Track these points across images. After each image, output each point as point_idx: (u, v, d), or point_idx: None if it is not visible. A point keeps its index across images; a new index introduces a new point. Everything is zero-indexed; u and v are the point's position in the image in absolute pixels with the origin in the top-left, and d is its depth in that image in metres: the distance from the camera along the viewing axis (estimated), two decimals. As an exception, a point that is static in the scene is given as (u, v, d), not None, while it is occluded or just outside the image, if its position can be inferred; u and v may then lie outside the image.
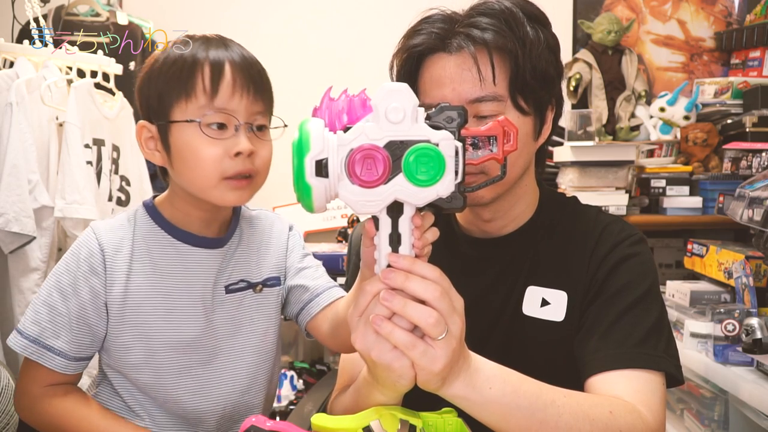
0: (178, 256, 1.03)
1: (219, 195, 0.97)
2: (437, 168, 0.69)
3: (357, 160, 0.68)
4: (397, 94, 0.69)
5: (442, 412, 0.88)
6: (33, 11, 2.07)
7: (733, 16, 2.63)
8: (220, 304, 1.04)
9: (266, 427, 0.82)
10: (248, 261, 1.08)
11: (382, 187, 0.69)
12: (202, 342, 1.03)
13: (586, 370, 0.95)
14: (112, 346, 1.01)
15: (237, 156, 0.95)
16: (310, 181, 0.69)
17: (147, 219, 1.03)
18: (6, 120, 1.77)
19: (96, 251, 1.00)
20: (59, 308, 0.99)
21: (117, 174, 2.09)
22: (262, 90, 0.99)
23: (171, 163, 0.99)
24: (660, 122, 2.38)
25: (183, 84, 0.94)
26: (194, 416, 1.03)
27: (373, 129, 0.69)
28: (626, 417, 0.86)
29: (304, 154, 0.69)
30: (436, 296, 0.71)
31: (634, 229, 1.06)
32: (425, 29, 1.00)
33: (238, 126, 0.95)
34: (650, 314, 0.98)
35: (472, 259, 1.08)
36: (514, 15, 0.97)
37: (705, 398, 1.64)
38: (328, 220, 2.64)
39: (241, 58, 0.97)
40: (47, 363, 0.99)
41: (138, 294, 1.00)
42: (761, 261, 1.58)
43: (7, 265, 1.82)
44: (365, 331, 0.74)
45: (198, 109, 0.94)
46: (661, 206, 2.24)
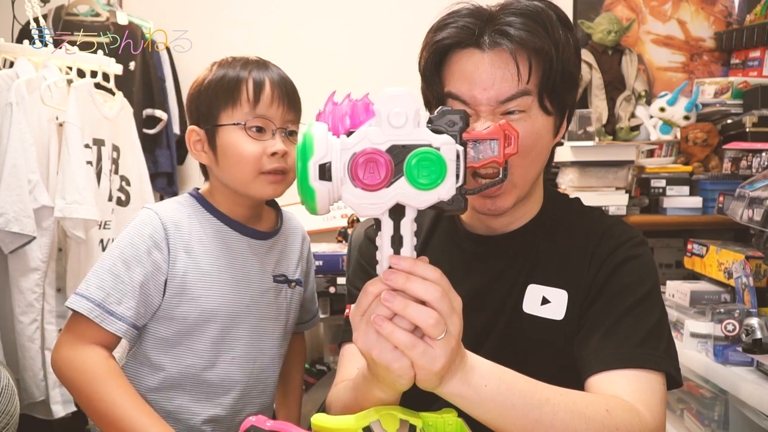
0: (229, 241, 1.17)
1: (258, 188, 1.13)
2: (438, 172, 0.70)
3: (360, 163, 0.69)
4: (400, 98, 0.70)
5: (442, 412, 0.88)
6: (33, 11, 2.06)
7: (733, 16, 2.63)
8: (267, 291, 1.20)
9: (266, 427, 0.83)
10: (288, 258, 1.25)
11: (384, 191, 0.70)
12: (247, 320, 1.17)
13: (586, 369, 0.95)
14: (168, 316, 1.12)
15: (273, 155, 1.12)
16: (314, 184, 0.70)
17: (198, 206, 1.18)
18: (6, 120, 1.77)
19: (159, 228, 1.12)
20: (123, 277, 1.09)
21: (117, 174, 2.09)
22: (294, 102, 1.17)
23: (216, 161, 1.15)
24: (660, 122, 2.38)
25: (230, 94, 1.13)
26: (224, 385, 1.15)
27: (376, 133, 0.70)
28: (623, 416, 0.86)
29: (308, 157, 0.70)
30: (436, 297, 0.72)
31: (636, 231, 1.07)
32: (454, 22, 0.99)
33: (274, 131, 1.13)
34: (651, 315, 0.99)
35: (474, 255, 1.08)
36: (549, 17, 0.97)
37: (705, 398, 1.64)
38: (328, 220, 2.64)
39: (278, 76, 1.16)
40: (109, 326, 1.07)
41: (197, 270, 1.13)
42: (761, 261, 1.58)
43: (7, 265, 1.82)
44: (366, 330, 0.74)
45: (243, 115, 1.12)
46: (661, 206, 2.24)
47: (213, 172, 1.18)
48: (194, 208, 1.17)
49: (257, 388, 1.20)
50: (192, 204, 1.18)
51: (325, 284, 2.20)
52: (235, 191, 1.16)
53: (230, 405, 1.16)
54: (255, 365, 1.18)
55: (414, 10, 2.56)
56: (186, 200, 1.19)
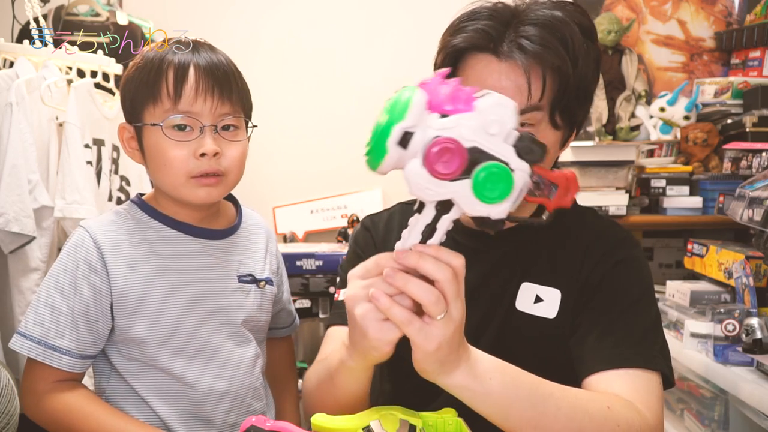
0: (180, 246, 1.06)
1: (189, 192, 1.02)
2: (503, 191, 0.70)
3: (438, 148, 0.68)
4: (503, 109, 0.69)
5: (441, 412, 0.88)
6: (33, 11, 2.06)
7: (733, 16, 2.63)
8: (232, 293, 1.09)
9: (266, 427, 0.83)
10: (253, 257, 1.14)
11: (446, 182, 0.70)
12: (214, 326, 1.07)
13: (583, 369, 0.96)
14: (126, 338, 1.03)
15: (202, 156, 1.00)
16: (390, 147, 0.68)
17: (140, 213, 1.07)
18: (6, 120, 1.77)
19: (92, 249, 1.02)
20: (61, 308, 1.01)
21: (117, 174, 2.09)
22: (229, 92, 1.02)
23: (146, 163, 1.05)
24: (660, 122, 2.38)
25: (150, 88, 1.00)
26: (209, 402, 1.06)
27: (468, 129, 0.69)
28: (624, 413, 0.86)
29: (397, 120, 0.68)
30: (447, 277, 0.72)
31: (629, 233, 1.08)
32: (471, 25, 0.96)
33: (202, 128, 1.00)
34: (647, 316, 1.00)
35: (468, 250, 1.08)
36: (572, 31, 0.94)
37: (705, 398, 1.63)
38: (328, 220, 2.64)
39: (206, 61, 1.00)
40: (54, 363, 1.00)
41: (146, 284, 1.03)
42: (761, 261, 1.58)
43: (7, 265, 1.82)
44: (358, 290, 0.75)
45: (163, 113, 1.00)
46: (661, 206, 2.23)
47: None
48: (136, 217, 1.07)
49: (248, 395, 1.11)
50: (134, 212, 1.07)
51: (325, 284, 2.20)
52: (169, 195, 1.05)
53: (222, 419, 1.08)
54: (238, 372, 1.09)
55: (415, 12, 2.56)
56: (127, 209, 1.08)
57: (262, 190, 2.59)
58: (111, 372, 1.07)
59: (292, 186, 2.66)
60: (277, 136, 2.59)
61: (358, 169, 3.13)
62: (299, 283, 2.19)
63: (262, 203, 2.58)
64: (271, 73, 2.60)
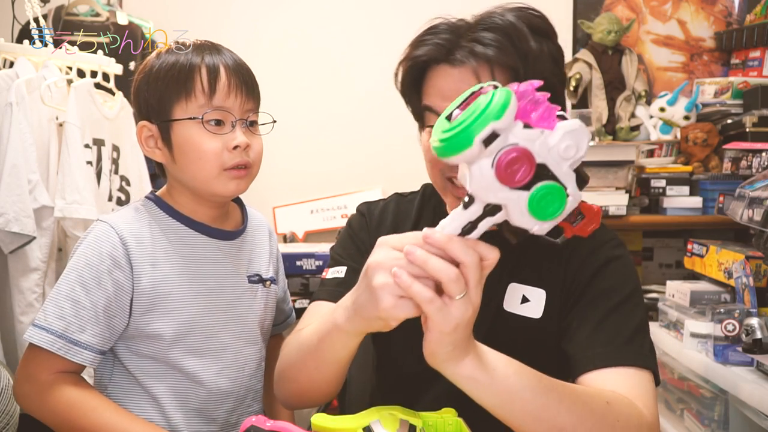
0: (198, 245, 1.10)
1: (220, 185, 1.05)
2: (553, 212, 0.71)
3: (512, 156, 0.69)
4: (583, 138, 0.71)
5: (441, 412, 0.88)
6: (33, 11, 2.06)
7: (733, 16, 2.63)
8: (243, 293, 1.13)
9: (266, 427, 0.83)
10: (259, 256, 1.18)
11: (506, 189, 0.70)
12: (228, 326, 1.10)
13: (576, 368, 0.97)
14: (141, 335, 1.05)
15: (235, 149, 1.04)
16: (476, 141, 0.68)
17: (158, 211, 1.09)
18: (6, 120, 1.77)
19: (118, 244, 1.03)
20: (83, 302, 1.01)
21: (117, 174, 2.09)
22: (253, 90, 1.09)
23: (173, 159, 1.06)
24: (660, 122, 2.38)
25: (182, 85, 1.04)
26: (215, 400, 1.08)
27: (544, 146, 0.70)
28: (623, 409, 0.87)
29: (493, 119, 0.68)
30: (473, 263, 0.71)
31: (614, 233, 1.09)
32: (430, 40, 1.01)
33: (234, 122, 1.05)
34: (636, 315, 1.01)
35: None
36: (518, 30, 0.98)
37: (705, 398, 1.63)
38: (328, 220, 2.64)
39: (233, 62, 1.07)
40: (74, 358, 1.01)
41: (167, 282, 1.05)
42: (761, 261, 1.58)
43: (7, 265, 1.82)
44: (383, 254, 0.74)
45: (198, 108, 1.03)
46: (661, 206, 2.23)
47: (170, 171, 1.10)
48: (154, 214, 1.08)
49: (249, 396, 1.14)
50: (151, 209, 1.09)
51: (325, 284, 2.20)
52: (195, 190, 1.08)
53: (224, 419, 1.10)
54: (244, 373, 1.12)
55: (415, 12, 2.56)
56: (144, 206, 1.10)
57: (262, 190, 2.58)
58: (114, 368, 1.08)
59: (292, 186, 2.65)
60: (277, 136, 2.56)
61: (358, 169, 3.13)
62: (299, 283, 2.19)
63: (262, 203, 2.58)
64: (271, 73, 2.59)
